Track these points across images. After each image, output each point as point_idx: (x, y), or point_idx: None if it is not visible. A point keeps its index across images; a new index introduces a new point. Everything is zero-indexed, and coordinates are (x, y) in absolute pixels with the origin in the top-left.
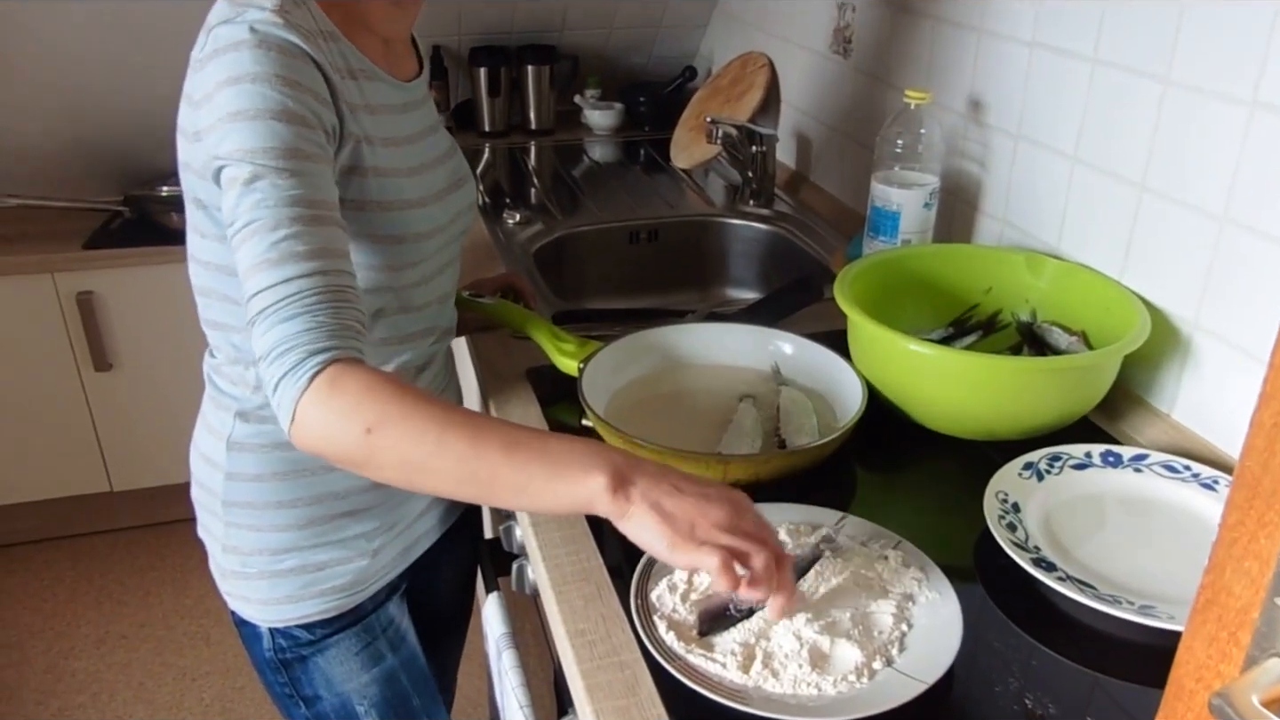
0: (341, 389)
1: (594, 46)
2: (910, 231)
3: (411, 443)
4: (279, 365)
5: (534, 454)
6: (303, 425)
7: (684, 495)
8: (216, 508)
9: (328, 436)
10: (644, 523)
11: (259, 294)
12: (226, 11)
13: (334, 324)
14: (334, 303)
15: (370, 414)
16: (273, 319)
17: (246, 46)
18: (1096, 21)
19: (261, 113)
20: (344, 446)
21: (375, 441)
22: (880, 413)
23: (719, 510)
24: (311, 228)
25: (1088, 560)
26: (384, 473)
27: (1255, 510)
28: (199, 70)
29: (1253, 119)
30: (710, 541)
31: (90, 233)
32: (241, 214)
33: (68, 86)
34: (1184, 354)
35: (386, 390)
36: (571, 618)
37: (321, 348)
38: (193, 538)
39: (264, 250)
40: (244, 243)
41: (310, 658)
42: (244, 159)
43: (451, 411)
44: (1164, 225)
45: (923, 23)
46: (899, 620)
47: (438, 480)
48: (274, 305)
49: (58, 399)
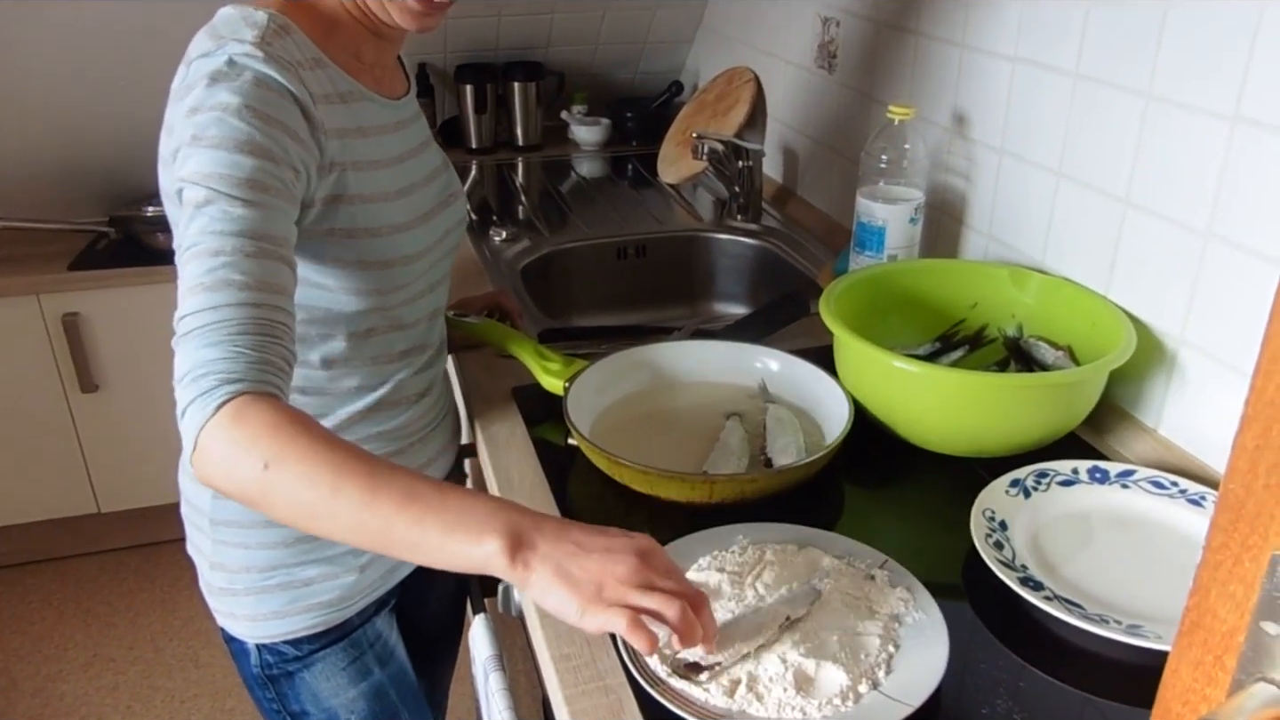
0: (245, 421)
1: (580, 62)
2: (896, 246)
3: (306, 485)
4: (190, 390)
5: (429, 510)
6: (203, 453)
7: (588, 554)
8: (205, 525)
9: (226, 468)
10: (548, 589)
11: (187, 317)
12: (207, 44)
13: (255, 356)
14: (260, 335)
15: (269, 450)
16: (195, 343)
17: (222, 78)
18: (1078, 36)
19: (225, 141)
20: (239, 480)
21: (270, 478)
22: (867, 429)
23: (624, 566)
24: (254, 260)
25: (1075, 578)
26: (276, 513)
27: (1239, 533)
28: (177, 101)
29: (1234, 134)
30: (619, 602)
31: (76, 254)
32: (187, 236)
33: (53, 108)
34: (1170, 369)
35: (291, 429)
36: (556, 642)
37: (235, 378)
38: (181, 558)
39: (201, 274)
40: (185, 265)
41: (297, 673)
42: (200, 182)
43: (354, 458)
44: (1148, 240)
45: (906, 38)
46: (885, 642)
47: (330, 526)
48: (198, 329)
49: (44, 420)
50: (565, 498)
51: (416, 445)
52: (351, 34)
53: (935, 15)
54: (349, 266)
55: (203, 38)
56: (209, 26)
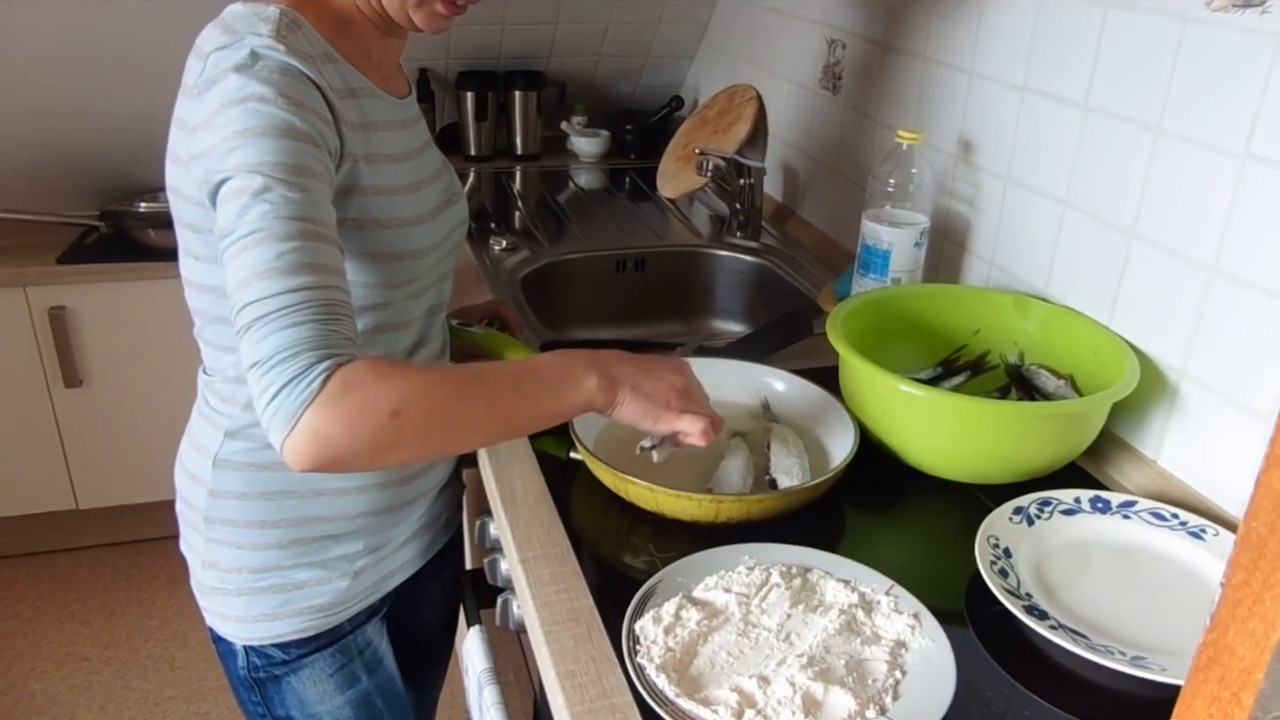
0: (355, 385)
1: (582, 73)
2: (900, 270)
3: (437, 413)
4: (281, 372)
5: (537, 381)
6: (309, 430)
7: (652, 375)
8: (198, 524)
9: (348, 432)
10: (632, 407)
11: (255, 302)
12: (221, 38)
13: (338, 333)
14: (333, 316)
15: (391, 399)
16: (271, 326)
17: (249, 69)
18: (1089, 69)
19: (270, 130)
20: (367, 438)
21: (402, 423)
22: (870, 452)
23: (678, 379)
24: (314, 243)
25: (1078, 608)
26: (410, 450)
27: (1260, 572)
28: (197, 96)
29: (1244, 171)
30: (683, 410)
31: (65, 247)
32: (245, 224)
33: (45, 99)
34: (1171, 401)
35: (395, 373)
36: (562, 659)
37: (328, 353)
38: (159, 558)
39: (268, 260)
40: (243, 251)
41: (284, 677)
42: (253, 170)
43: (453, 371)
44: (1153, 273)
45: (913, 63)
46: (892, 667)
47: (466, 435)
48: (274, 313)
49: (26, 414)
50: (569, 511)
51: None
52: (361, 32)
53: (944, 41)
54: (357, 259)
55: (214, 32)
56: (218, 21)
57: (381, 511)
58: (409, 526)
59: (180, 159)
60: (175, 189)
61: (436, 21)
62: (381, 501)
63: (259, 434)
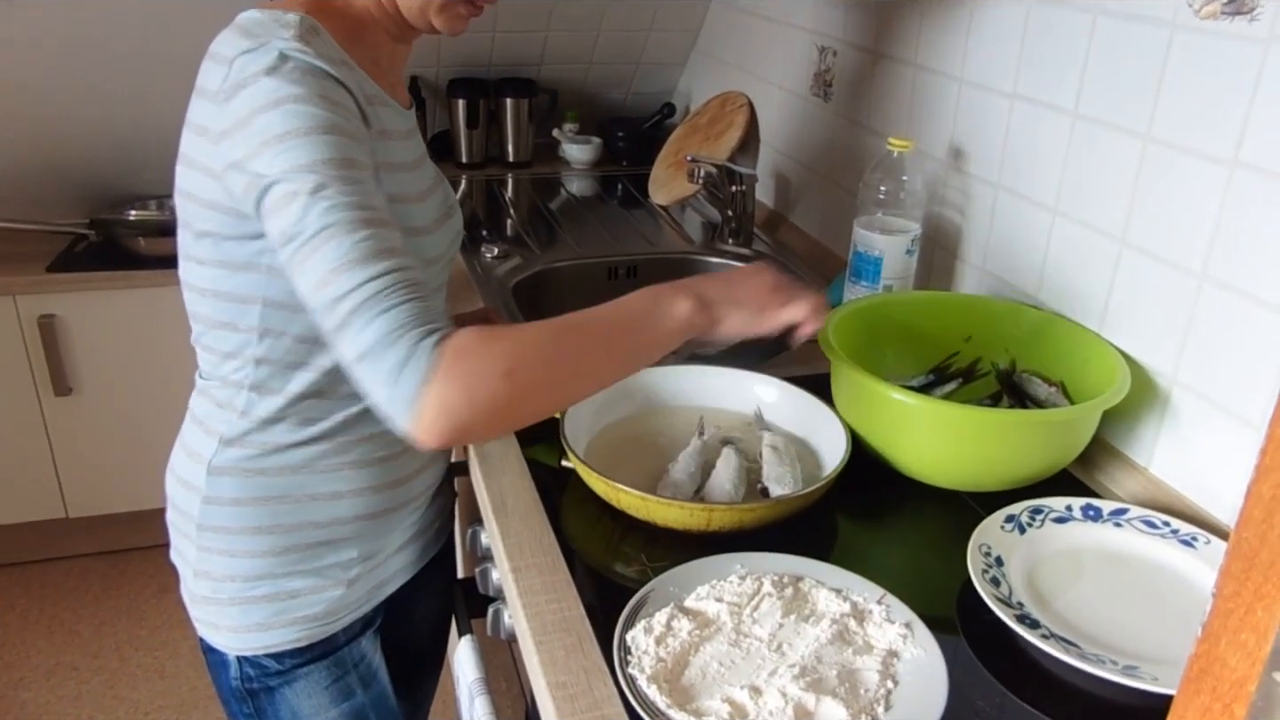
0: (465, 354)
1: (573, 81)
2: (892, 277)
3: (547, 367)
4: (390, 356)
5: (632, 318)
6: (431, 405)
7: (738, 283)
8: (191, 531)
9: (468, 400)
10: (734, 318)
11: (344, 296)
12: (243, 42)
13: (430, 309)
14: (421, 294)
15: (502, 360)
16: (367, 315)
17: (281, 72)
18: (1078, 76)
19: (314, 129)
20: (485, 401)
21: (515, 381)
22: (862, 459)
23: (766, 277)
24: (382, 229)
25: (1070, 616)
26: (530, 406)
27: (1252, 582)
28: (222, 102)
29: (1233, 178)
30: (785, 303)
31: (54, 255)
32: (310, 224)
33: (34, 107)
34: (1162, 408)
35: (500, 335)
36: (553, 669)
37: (430, 329)
38: (149, 567)
39: (345, 252)
40: (315, 251)
41: (278, 689)
42: (304, 171)
43: (552, 323)
44: (1143, 279)
45: (904, 70)
46: (884, 677)
47: (579, 382)
48: (367, 302)
49: (16, 423)
50: (560, 520)
51: (409, 450)
52: (374, 39)
53: (934, 49)
54: None
55: (233, 37)
56: (236, 28)
57: (375, 515)
58: (402, 533)
59: (198, 164)
60: (190, 193)
61: (458, 24)
62: (375, 505)
63: (256, 440)
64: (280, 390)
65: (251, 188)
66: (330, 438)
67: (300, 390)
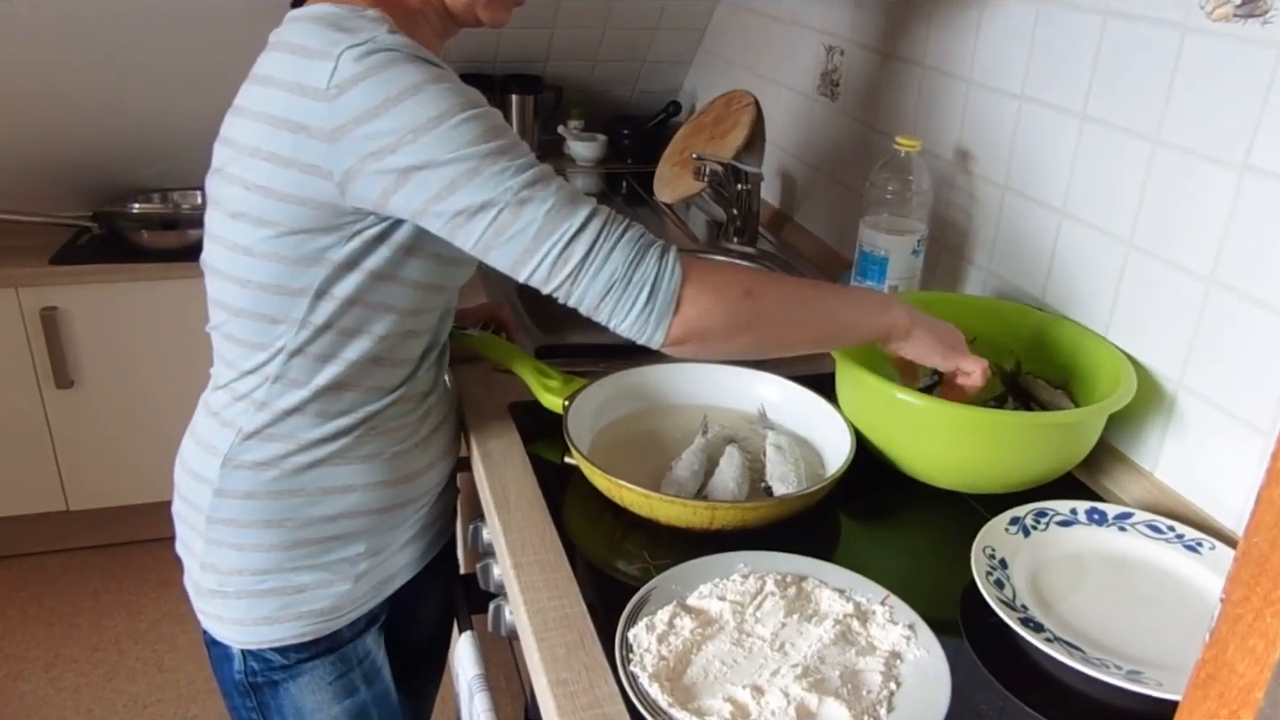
0: (708, 265)
1: (578, 78)
2: (898, 277)
3: (780, 300)
4: (639, 276)
5: (855, 298)
6: (693, 306)
7: (936, 322)
8: (199, 524)
9: (718, 303)
10: (925, 342)
11: (572, 239)
12: (340, 35)
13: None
14: (629, 218)
15: (743, 278)
16: (604, 247)
17: (403, 60)
18: (1087, 79)
19: (465, 105)
20: (729, 311)
21: (755, 303)
22: (866, 460)
23: (955, 332)
24: (560, 176)
25: (1074, 620)
26: (754, 333)
27: (1262, 588)
28: (333, 98)
29: (1242, 183)
30: (964, 353)
31: (57, 248)
32: (506, 189)
33: (38, 100)
34: (1168, 413)
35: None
36: (554, 666)
37: (663, 245)
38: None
39: (551, 201)
40: (520, 211)
41: (282, 683)
42: (481, 140)
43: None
44: (1150, 283)
45: (912, 70)
46: (887, 678)
47: (798, 330)
48: (601, 233)
49: (17, 415)
50: (562, 516)
51: (420, 446)
52: (425, 35)
53: (942, 49)
54: (430, 259)
55: (324, 30)
56: (318, 20)
57: (384, 511)
58: (409, 529)
59: (281, 159)
60: (260, 186)
61: (503, 15)
62: (385, 500)
63: (275, 432)
64: (306, 383)
65: (398, 178)
66: (348, 432)
67: (325, 383)
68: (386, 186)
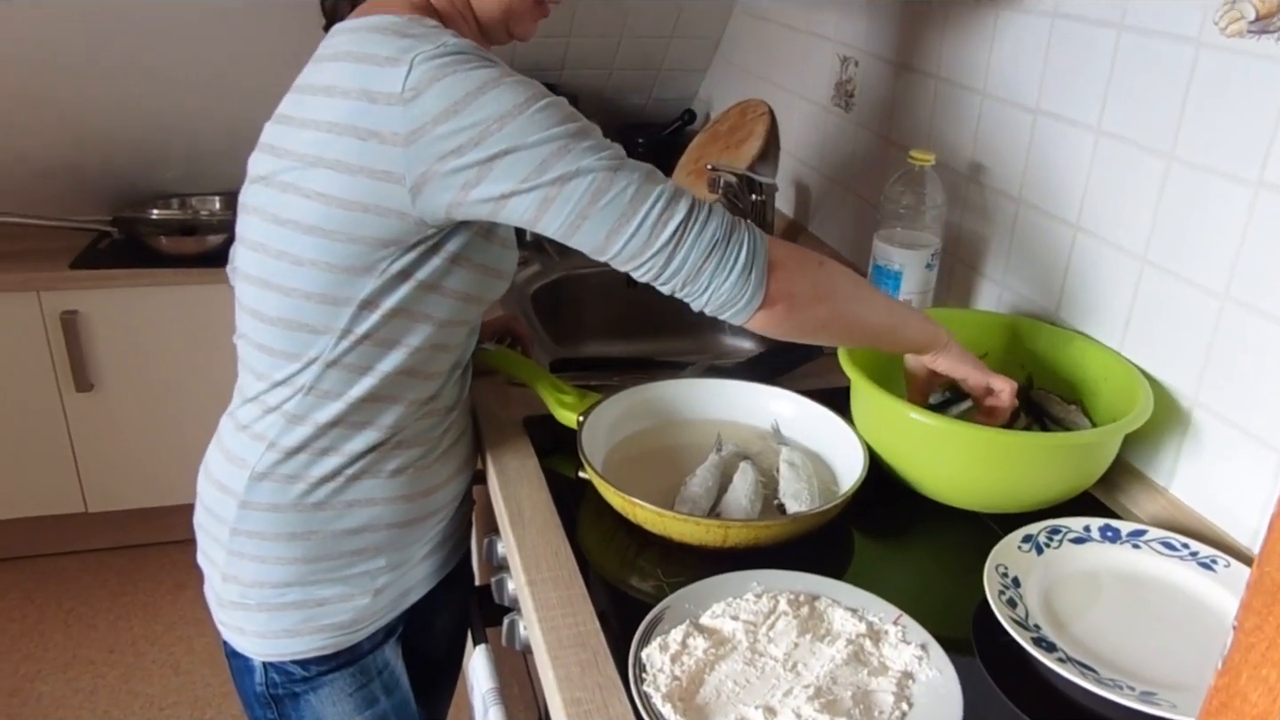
0: (782, 242)
1: (594, 86)
2: (911, 291)
3: (845, 282)
4: (736, 239)
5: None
6: (783, 269)
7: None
8: (222, 535)
9: (800, 271)
10: (961, 356)
11: (666, 207)
12: (407, 42)
13: None
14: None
15: (810, 252)
16: (699, 218)
17: (475, 60)
18: (1102, 93)
19: (540, 94)
20: (807, 280)
21: (829, 273)
22: (880, 477)
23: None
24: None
25: (1087, 640)
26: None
27: (1275, 616)
28: (407, 101)
29: (1257, 199)
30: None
31: (78, 252)
32: (599, 158)
33: (59, 106)
34: (1183, 430)
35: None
36: (568, 685)
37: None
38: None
39: (640, 169)
40: (619, 170)
41: (303, 695)
42: (564, 123)
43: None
44: (1165, 299)
45: (926, 82)
46: (899, 699)
47: (864, 310)
48: (693, 209)
49: (37, 417)
50: (576, 532)
51: (440, 459)
52: None
53: (957, 62)
54: (474, 270)
55: (390, 39)
56: (381, 29)
57: (405, 524)
58: (427, 543)
59: (346, 165)
60: (318, 193)
61: (532, 30)
62: (406, 514)
63: (308, 446)
64: (341, 394)
65: (481, 169)
66: (379, 446)
67: (361, 395)
68: (468, 180)
